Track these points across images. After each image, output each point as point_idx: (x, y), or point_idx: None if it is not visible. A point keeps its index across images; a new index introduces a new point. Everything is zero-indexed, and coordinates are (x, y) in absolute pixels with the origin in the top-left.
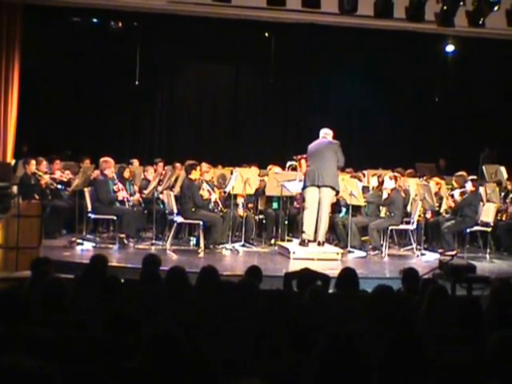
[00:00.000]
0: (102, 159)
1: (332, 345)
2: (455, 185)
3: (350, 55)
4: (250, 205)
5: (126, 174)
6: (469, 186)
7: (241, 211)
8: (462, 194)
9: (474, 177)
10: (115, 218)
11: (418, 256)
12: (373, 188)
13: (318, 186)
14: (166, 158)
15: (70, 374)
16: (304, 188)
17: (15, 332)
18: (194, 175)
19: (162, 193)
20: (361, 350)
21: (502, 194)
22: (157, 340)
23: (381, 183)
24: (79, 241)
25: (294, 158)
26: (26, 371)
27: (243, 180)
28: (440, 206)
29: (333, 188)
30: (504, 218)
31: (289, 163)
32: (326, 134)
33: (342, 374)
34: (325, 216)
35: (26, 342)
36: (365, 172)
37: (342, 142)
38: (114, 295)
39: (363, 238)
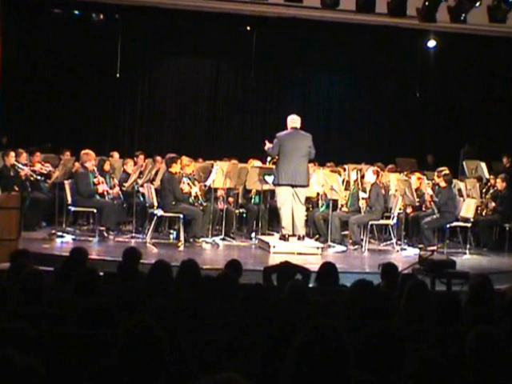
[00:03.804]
0: (82, 152)
1: (312, 337)
2: (437, 180)
3: (332, 50)
4: (230, 198)
5: (106, 166)
6: (441, 182)
7: (220, 205)
8: (433, 191)
9: (447, 171)
10: (95, 210)
11: (397, 251)
12: (351, 182)
13: (294, 186)
14: (147, 151)
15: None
16: (277, 184)
17: None
18: (175, 168)
19: (142, 186)
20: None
21: (483, 189)
22: (134, 335)
23: (361, 177)
24: (59, 233)
25: None
26: (16, 366)
27: (224, 174)
28: (421, 202)
29: (307, 185)
30: (484, 214)
31: (269, 157)
32: (294, 121)
33: (321, 367)
34: (301, 210)
35: (3, 334)
36: (345, 166)
37: (322, 136)
38: (91, 289)
39: (343, 233)
